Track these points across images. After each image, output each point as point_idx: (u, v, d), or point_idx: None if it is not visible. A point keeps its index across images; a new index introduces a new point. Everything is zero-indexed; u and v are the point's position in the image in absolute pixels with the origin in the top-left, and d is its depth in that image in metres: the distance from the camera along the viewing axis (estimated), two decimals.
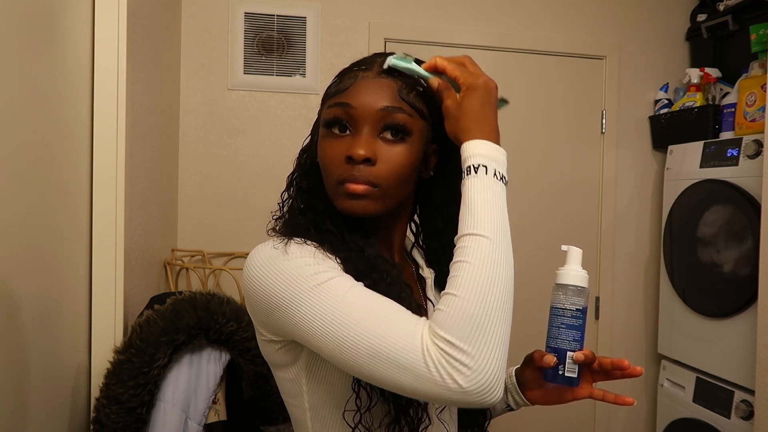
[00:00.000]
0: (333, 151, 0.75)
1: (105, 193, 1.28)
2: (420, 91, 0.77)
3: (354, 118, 0.74)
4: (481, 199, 0.68)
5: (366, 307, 0.65)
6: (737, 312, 1.99)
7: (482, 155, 0.70)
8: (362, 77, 0.76)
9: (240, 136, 2.25)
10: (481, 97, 0.73)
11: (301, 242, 0.74)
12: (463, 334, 0.61)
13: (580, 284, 0.81)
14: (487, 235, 0.66)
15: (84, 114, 1.24)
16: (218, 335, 1.28)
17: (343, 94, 0.75)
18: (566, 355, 0.79)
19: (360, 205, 0.74)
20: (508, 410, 0.95)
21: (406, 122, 0.75)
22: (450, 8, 2.40)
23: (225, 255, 2.19)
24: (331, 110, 0.76)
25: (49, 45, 1.06)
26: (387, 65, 0.76)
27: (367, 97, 0.74)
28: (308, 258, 0.71)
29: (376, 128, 0.74)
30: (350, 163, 0.73)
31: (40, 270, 1.05)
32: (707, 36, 2.42)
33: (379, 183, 0.74)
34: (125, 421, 1.17)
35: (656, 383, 2.46)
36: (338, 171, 0.74)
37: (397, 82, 0.76)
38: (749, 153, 1.96)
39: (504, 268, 0.65)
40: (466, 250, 0.66)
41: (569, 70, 2.50)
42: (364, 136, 0.74)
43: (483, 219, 0.67)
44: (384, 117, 0.74)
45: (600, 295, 2.54)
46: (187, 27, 2.22)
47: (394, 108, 0.74)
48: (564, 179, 2.52)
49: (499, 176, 0.70)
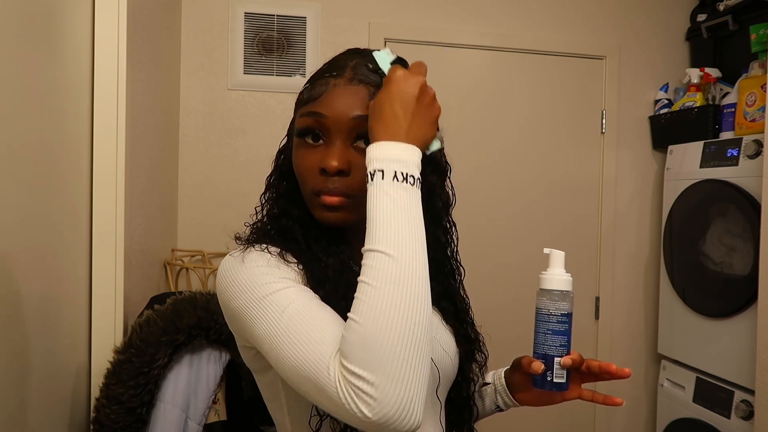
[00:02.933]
0: (307, 162, 0.74)
1: (105, 193, 1.28)
2: None
3: (326, 127, 0.73)
4: (377, 209, 0.63)
5: (299, 324, 0.63)
6: (737, 312, 1.99)
7: (379, 159, 0.65)
8: (333, 84, 0.74)
9: (240, 136, 2.25)
10: (390, 97, 0.67)
11: (260, 250, 0.73)
12: (365, 363, 0.56)
13: (565, 288, 0.80)
14: (385, 250, 0.60)
15: (84, 114, 1.24)
16: (218, 335, 1.28)
17: (315, 103, 0.74)
18: (554, 361, 0.79)
19: (336, 216, 0.74)
20: (497, 411, 0.95)
21: None
22: (450, 8, 2.40)
23: (225, 255, 2.18)
24: (303, 119, 0.75)
25: (49, 45, 1.06)
26: (374, 54, 0.76)
27: (339, 105, 0.72)
28: (262, 267, 0.69)
29: (349, 137, 0.73)
30: (324, 175, 0.72)
31: (40, 270, 1.05)
32: (707, 36, 2.42)
33: (354, 194, 0.72)
34: (125, 421, 1.17)
35: (656, 383, 2.46)
36: (313, 182, 0.74)
37: (369, 88, 0.74)
38: (749, 153, 1.96)
39: (410, 285, 0.59)
40: (366, 268, 0.61)
41: (569, 70, 2.50)
42: (337, 147, 0.72)
43: (380, 232, 0.62)
44: (356, 126, 0.72)
45: (600, 295, 2.54)
46: (187, 27, 2.22)
47: (365, 117, 0.72)
48: (564, 179, 2.52)
49: (402, 177, 0.64)
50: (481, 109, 2.44)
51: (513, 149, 2.46)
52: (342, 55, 0.79)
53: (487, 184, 2.43)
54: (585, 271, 2.52)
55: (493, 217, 2.45)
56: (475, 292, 1.01)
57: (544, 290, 0.81)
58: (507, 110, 2.46)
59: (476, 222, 2.40)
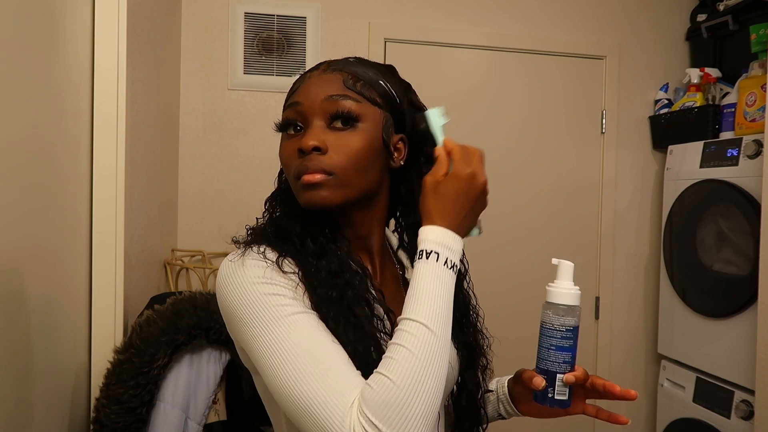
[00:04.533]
0: (288, 150, 0.77)
1: (105, 193, 1.28)
2: (369, 81, 0.77)
3: (303, 114, 0.76)
4: (428, 287, 0.68)
5: (308, 353, 0.64)
6: (737, 312, 1.99)
7: (436, 242, 0.70)
8: (309, 77, 0.78)
9: (240, 136, 2.25)
10: (458, 188, 0.72)
11: (258, 254, 0.72)
12: (391, 421, 0.60)
13: (572, 303, 0.77)
14: (429, 325, 0.65)
15: (84, 114, 1.24)
16: (218, 335, 1.28)
17: (293, 95, 0.78)
18: (556, 377, 0.76)
19: (318, 195, 0.73)
20: (500, 418, 0.94)
21: (352, 108, 0.75)
22: (450, 8, 2.40)
23: (225, 255, 2.18)
24: (284, 114, 0.78)
25: (49, 45, 1.06)
26: (426, 113, 0.78)
27: (313, 91, 0.75)
28: (261, 282, 0.70)
29: (325, 119, 0.75)
30: (301, 156, 0.74)
31: (41, 270, 1.05)
32: (707, 36, 2.42)
33: (334, 171, 0.73)
34: (125, 421, 1.17)
35: (656, 383, 2.46)
36: (293, 165, 0.75)
37: (343, 74, 0.76)
38: (749, 153, 1.96)
39: (440, 360, 0.65)
40: (405, 335, 0.65)
41: (569, 70, 2.50)
42: (313, 129, 0.74)
43: (428, 307, 0.66)
44: (330, 106, 0.74)
45: (600, 295, 2.54)
46: (187, 27, 2.22)
47: (339, 96, 0.74)
48: (564, 179, 2.52)
49: (450, 264, 0.70)
50: (481, 109, 2.44)
51: (513, 149, 2.46)
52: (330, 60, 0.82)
53: None
54: (585, 271, 2.52)
55: (492, 216, 2.44)
56: (475, 292, 1.01)
57: (549, 303, 0.77)
58: (507, 110, 2.46)
59: None
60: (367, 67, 0.79)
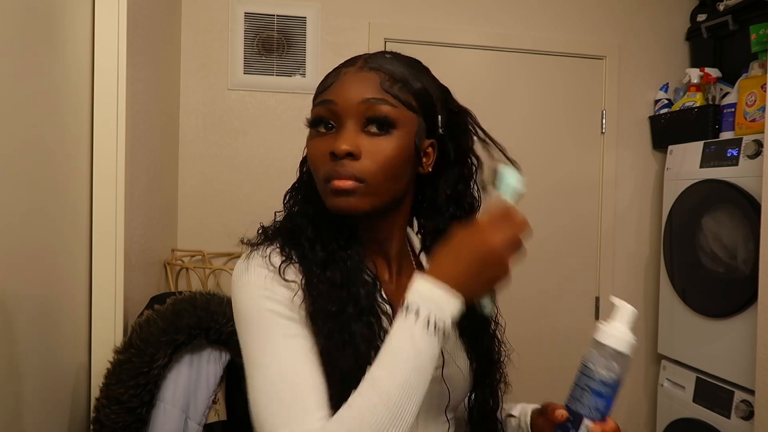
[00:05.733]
0: (318, 150, 0.73)
1: (105, 193, 1.28)
2: (406, 83, 0.75)
3: (337, 113, 0.72)
4: (395, 350, 0.63)
5: (279, 378, 0.66)
6: (737, 312, 1.99)
7: (420, 294, 0.64)
8: (344, 73, 0.75)
9: (240, 136, 2.25)
10: (474, 243, 0.67)
11: (262, 259, 0.73)
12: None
13: (622, 349, 0.69)
14: (380, 391, 0.62)
15: (84, 114, 1.24)
16: (218, 335, 1.28)
17: (326, 92, 0.74)
18: (583, 421, 0.70)
19: (347, 201, 0.71)
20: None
21: (389, 113, 0.72)
22: (450, 8, 2.40)
23: (225, 255, 2.19)
24: (314, 110, 0.75)
25: (49, 45, 1.06)
26: (502, 172, 0.75)
27: (348, 91, 0.72)
28: (259, 289, 0.71)
29: (359, 122, 0.72)
30: (334, 160, 0.71)
31: (40, 270, 1.05)
32: (707, 36, 2.42)
33: (365, 178, 0.71)
34: (125, 421, 1.17)
35: (656, 383, 2.46)
36: (324, 168, 0.72)
37: (380, 74, 0.73)
38: (749, 153, 1.96)
39: (384, 426, 0.61)
40: (358, 392, 0.63)
41: (569, 70, 2.50)
42: (347, 131, 0.71)
43: (387, 374, 0.62)
44: (366, 109, 0.71)
45: (600, 295, 2.54)
46: (187, 27, 2.22)
47: (376, 99, 0.71)
48: (564, 179, 2.52)
49: (433, 325, 0.63)
50: (481, 109, 2.40)
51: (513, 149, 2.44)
52: (362, 54, 0.79)
53: None
54: (585, 271, 2.52)
55: None
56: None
57: (597, 342, 0.70)
58: (507, 110, 2.46)
59: None
60: (404, 67, 0.76)
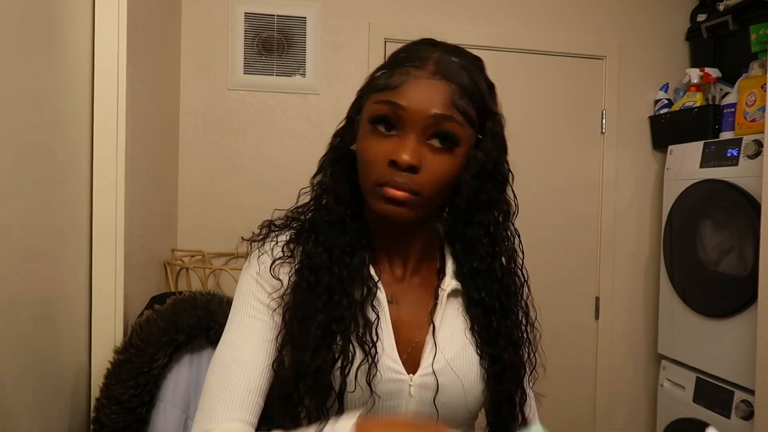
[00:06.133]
0: (376, 150, 0.72)
1: (105, 193, 1.28)
2: (472, 97, 0.73)
3: (403, 119, 0.71)
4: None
5: (217, 368, 0.75)
6: (737, 312, 1.99)
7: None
8: (415, 75, 0.71)
9: (240, 136, 2.25)
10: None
11: (261, 256, 0.78)
12: None
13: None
14: None
15: (84, 114, 1.24)
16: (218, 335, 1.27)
17: (394, 92, 0.71)
18: None
19: (398, 211, 0.71)
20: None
21: (456, 132, 0.71)
22: (450, 8, 2.40)
23: (225, 255, 2.19)
24: (379, 107, 0.72)
25: (49, 45, 1.06)
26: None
27: (419, 99, 0.70)
28: (243, 287, 0.78)
29: (424, 133, 0.71)
30: (393, 168, 0.70)
31: (40, 270, 1.05)
32: (707, 36, 2.42)
33: (421, 191, 0.71)
34: (125, 421, 1.17)
35: (656, 383, 2.46)
36: (379, 172, 0.71)
37: (451, 85, 0.71)
38: (749, 153, 1.96)
39: None
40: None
41: (569, 70, 2.50)
42: (411, 141, 0.70)
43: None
44: (435, 124, 0.70)
45: (600, 295, 2.54)
46: (187, 27, 2.22)
47: (446, 116, 0.70)
48: (564, 179, 2.52)
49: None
50: None
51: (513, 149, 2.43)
52: (421, 46, 0.76)
53: None
54: (585, 271, 2.52)
55: None
56: None
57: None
58: (507, 110, 2.43)
59: None
60: (472, 78, 0.74)
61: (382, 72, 0.75)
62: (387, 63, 0.76)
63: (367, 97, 0.76)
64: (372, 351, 0.72)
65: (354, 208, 0.79)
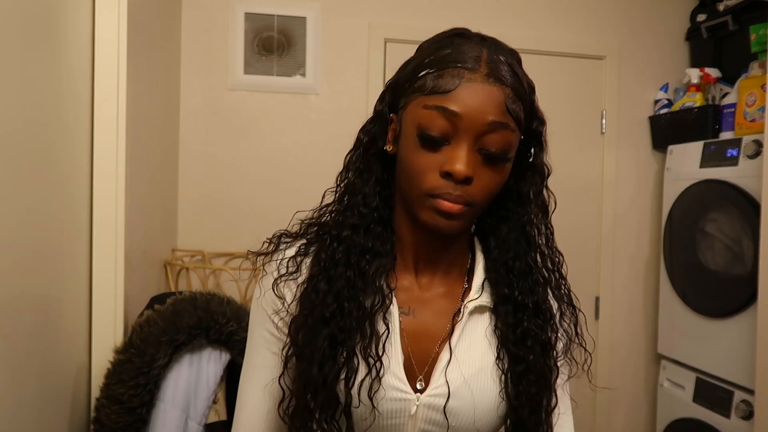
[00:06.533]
0: (427, 160, 0.67)
1: (105, 193, 1.28)
2: (523, 100, 0.69)
3: (457, 127, 0.66)
4: None
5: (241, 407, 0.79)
6: (737, 312, 1.99)
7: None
8: (468, 79, 0.66)
9: (240, 136, 2.25)
10: None
11: (270, 273, 0.76)
12: None
13: None
14: None
15: (84, 114, 1.24)
16: (218, 335, 1.28)
17: (448, 98, 0.66)
18: None
19: (451, 224, 0.68)
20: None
21: (510, 140, 0.68)
22: (450, 8, 2.41)
23: (225, 255, 2.19)
24: (430, 113, 0.66)
25: (49, 45, 1.06)
26: None
27: (474, 105, 0.65)
28: (257, 305, 0.77)
29: (477, 142, 0.66)
30: (447, 179, 0.66)
31: (41, 270, 1.05)
32: (707, 36, 2.42)
33: (474, 202, 0.68)
34: (125, 421, 1.17)
35: (656, 383, 2.46)
36: (430, 183, 0.67)
37: (505, 89, 0.67)
38: (749, 153, 1.96)
39: None
40: None
41: (569, 70, 2.50)
42: (465, 151, 0.66)
43: None
44: (490, 131, 0.66)
45: (600, 295, 2.54)
46: (187, 27, 2.22)
47: (501, 124, 0.66)
48: (564, 179, 2.49)
49: None
50: None
51: None
52: (466, 41, 0.70)
53: None
54: (585, 271, 2.52)
55: None
56: None
57: None
58: None
59: None
60: (520, 78, 0.70)
61: (428, 72, 0.68)
62: (431, 61, 0.69)
63: (410, 97, 0.70)
64: (377, 365, 0.69)
65: (381, 211, 0.74)
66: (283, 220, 0.82)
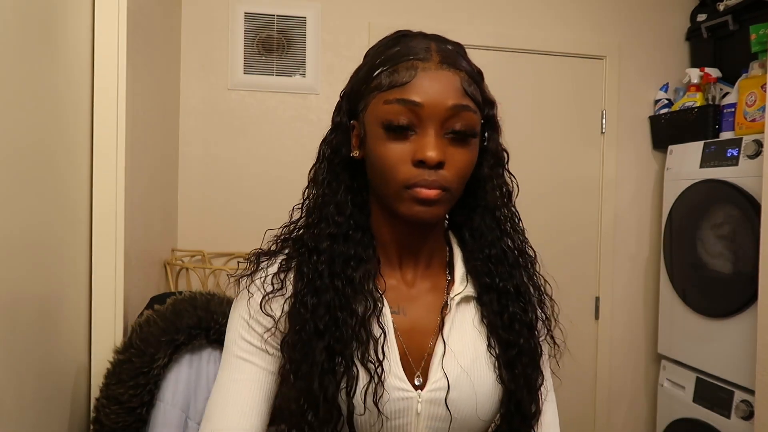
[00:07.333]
0: (397, 152, 0.68)
1: (105, 193, 1.28)
2: (478, 83, 0.73)
3: (420, 117, 0.68)
4: None
5: (213, 405, 0.75)
6: (737, 312, 1.99)
7: None
8: (423, 68, 0.68)
9: (240, 136, 2.25)
10: None
11: (245, 299, 0.75)
12: None
13: None
14: None
15: (84, 114, 1.24)
16: (218, 335, 1.28)
17: (406, 89, 0.67)
18: None
19: (431, 212, 0.69)
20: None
21: (472, 121, 0.70)
22: (450, 8, 2.40)
23: (225, 255, 2.19)
24: (391, 107, 0.68)
25: (49, 45, 1.06)
26: None
27: (433, 93, 0.67)
28: (231, 328, 0.77)
29: (442, 127, 0.68)
30: (420, 167, 0.67)
31: (40, 270, 1.05)
32: (707, 36, 2.42)
33: (449, 187, 0.69)
34: (125, 421, 1.17)
35: (656, 383, 2.46)
36: (405, 174, 0.68)
37: (459, 73, 0.70)
38: (749, 153, 1.96)
39: None
40: None
41: (569, 70, 2.50)
42: (432, 138, 0.67)
43: None
44: (452, 116, 0.68)
45: (600, 295, 2.54)
46: (187, 27, 2.22)
47: (462, 106, 0.68)
48: (564, 179, 2.52)
49: None
50: None
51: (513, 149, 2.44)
52: (411, 38, 0.73)
53: None
54: (585, 271, 2.52)
55: None
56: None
57: None
58: (507, 110, 2.44)
59: None
60: (470, 64, 0.73)
61: (382, 70, 0.70)
62: (382, 60, 0.71)
63: (368, 98, 0.72)
64: (378, 370, 0.69)
65: (357, 217, 0.75)
66: (283, 220, 0.82)
